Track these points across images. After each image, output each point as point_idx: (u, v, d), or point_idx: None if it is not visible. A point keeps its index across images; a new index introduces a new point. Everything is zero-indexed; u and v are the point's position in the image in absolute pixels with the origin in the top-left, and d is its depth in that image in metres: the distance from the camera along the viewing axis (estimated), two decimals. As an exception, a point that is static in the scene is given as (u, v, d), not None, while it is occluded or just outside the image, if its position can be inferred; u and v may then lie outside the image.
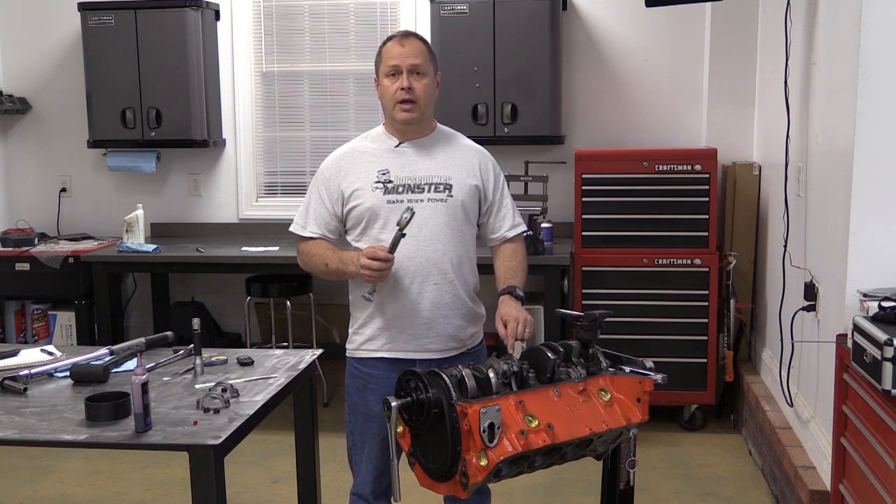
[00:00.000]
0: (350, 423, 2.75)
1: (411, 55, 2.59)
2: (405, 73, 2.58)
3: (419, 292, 2.60)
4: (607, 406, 2.17)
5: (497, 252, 2.78)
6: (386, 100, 2.63)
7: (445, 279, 2.62)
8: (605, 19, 5.13)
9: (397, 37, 2.65)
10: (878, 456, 2.47)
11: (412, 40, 2.63)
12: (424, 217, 2.59)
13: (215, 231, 5.50)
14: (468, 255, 2.70)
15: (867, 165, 2.85)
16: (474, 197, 2.69)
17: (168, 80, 5.09)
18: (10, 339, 5.20)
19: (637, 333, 4.51)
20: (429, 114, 2.68)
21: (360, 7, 5.32)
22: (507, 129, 4.84)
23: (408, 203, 2.57)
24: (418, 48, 2.62)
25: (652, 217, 4.53)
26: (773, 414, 3.90)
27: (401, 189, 2.61)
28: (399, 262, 2.56)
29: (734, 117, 4.90)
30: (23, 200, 5.69)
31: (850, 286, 2.87)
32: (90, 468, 4.23)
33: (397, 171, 2.63)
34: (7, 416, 2.48)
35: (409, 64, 2.59)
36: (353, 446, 2.75)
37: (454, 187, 2.64)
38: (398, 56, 2.59)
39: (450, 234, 2.63)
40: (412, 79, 2.59)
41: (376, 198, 2.60)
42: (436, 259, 2.61)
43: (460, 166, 2.68)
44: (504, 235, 2.76)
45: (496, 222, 2.76)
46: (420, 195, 2.61)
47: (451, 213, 2.63)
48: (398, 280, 2.59)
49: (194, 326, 2.80)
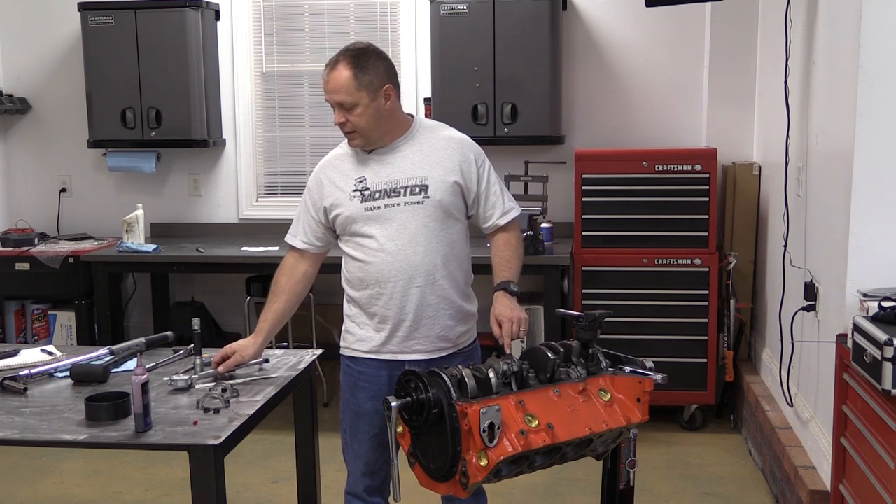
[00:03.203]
0: (343, 421, 2.76)
1: (333, 91, 2.56)
2: (335, 108, 2.58)
3: (403, 296, 2.60)
4: (607, 406, 2.17)
5: (492, 241, 2.77)
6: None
7: (429, 281, 2.61)
8: (605, 19, 5.13)
9: (328, 65, 2.58)
10: (878, 456, 2.46)
11: (335, 73, 2.55)
12: (403, 221, 2.59)
13: (215, 231, 5.50)
14: (454, 252, 2.67)
15: (867, 165, 2.85)
16: (455, 193, 2.65)
17: (168, 80, 5.09)
18: (10, 339, 5.20)
19: (637, 333, 4.51)
20: (386, 127, 2.62)
21: (360, 7, 5.32)
22: (507, 129, 4.84)
23: (385, 207, 2.59)
24: (339, 83, 2.54)
25: (652, 217, 4.53)
26: (773, 414, 3.90)
27: (377, 195, 2.61)
28: (381, 267, 2.59)
29: (734, 117, 4.90)
30: (23, 200, 5.69)
31: (850, 286, 2.87)
32: (90, 468, 4.23)
33: (373, 178, 2.62)
34: (7, 416, 2.48)
35: (334, 101, 2.57)
36: (345, 444, 2.76)
37: (430, 187, 2.61)
38: (326, 91, 2.59)
39: (430, 235, 2.61)
40: (343, 113, 2.57)
41: (354, 206, 2.62)
42: (417, 262, 2.59)
43: (437, 164, 2.64)
44: (496, 223, 2.73)
45: (486, 211, 2.73)
46: (396, 199, 2.60)
47: (430, 213, 2.61)
48: (382, 285, 2.60)
49: (194, 326, 2.80)
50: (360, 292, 2.66)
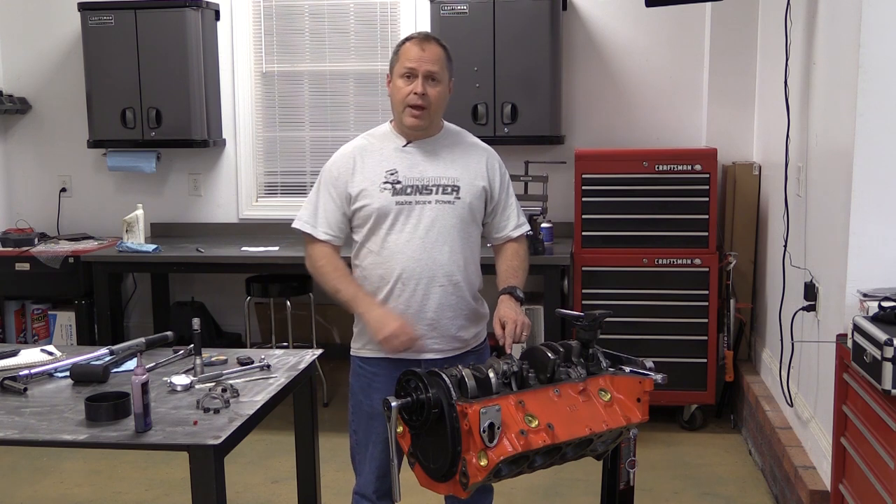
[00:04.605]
0: (353, 423, 2.74)
1: (429, 61, 2.56)
2: (420, 78, 2.56)
3: (425, 294, 2.60)
4: (607, 406, 2.17)
5: (499, 251, 2.78)
6: (396, 100, 2.61)
7: (451, 281, 2.62)
8: (605, 19, 5.13)
9: (417, 38, 2.60)
10: (878, 456, 2.46)
11: (432, 45, 2.59)
12: (432, 219, 2.59)
13: (215, 231, 5.50)
14: (473, 256, 2.70)
15: (867, 165, 2.85)
16: (481, 198, 2.68)
17: (168, 80, 5.09)
18: (10, 339, 5.20)
19: (637, 333, 4.51)
20: (440, 115, 2.67)
21: (360, 7, 5.32)
22: (507, 129, 4.84)
23: (416, 203, 2.57)
24: (437, 54, 2.58)
25: (652, 217, 4.53)
26: (773, 414, 3.90)
27: (409, 190, 2.60)
28: (405, 264, 2.57)
29: (734, 117, 4.90)
30: (23, 200, 5.69)
31: (850, 286, 2.87)
32: (90, 468, 4.23)
33: (405, 172, 2.61)
34: (7, 416, 2.48)
35: (425, 69, 2.56)
36: (356, 445, 2.74)
37: (462, 189, 2.63)
38: (416, 59, 2.56)
39: (457, 236, 2.63)
40: (427, 84, 2.56)
41: (385, 198, 2.59)
42: (442, 262, 2.60)
43: (468, 167, 2.67)
44: (508, 235, 2.77)
45: (500, 221, 2.76)
46: (428, 196, 2.60)
47: (458, 214, 2.62)
48: (404, 282, 2.59)
49: (194, 326, 2.80)
50: (378, 289, 2.62)
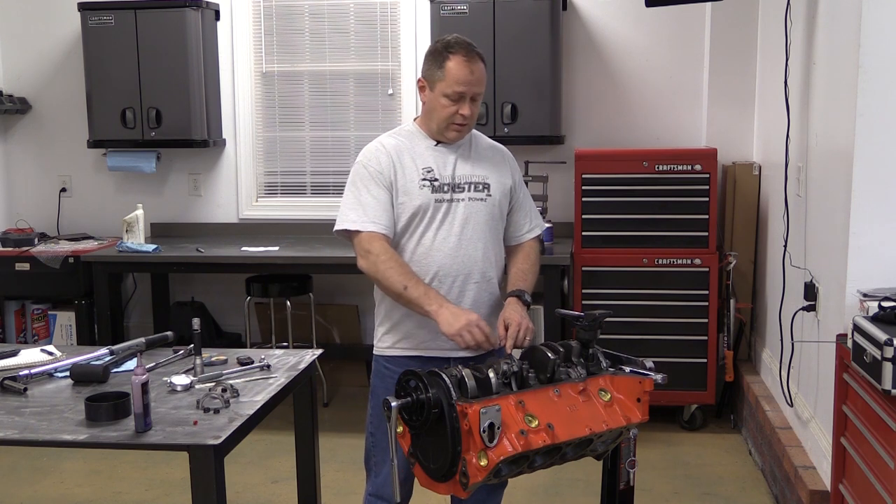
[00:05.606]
0: (372, 424, 2.71)
1: (478, 83, 2.55)
2: (468, 101, 2.55)
3: (461, 291, 2.60)
4: (607, 406, 2.17)
5: (512, 252, 2.78)
6: (440, 116, 2.57)
7: (485, 278, 2.63)
8: (605, 19, 5.13)
9: (465, 56, 2.52)
10: (878, 456, 2.46)
11: (479, 65, 2.56)
12: (467, 216, 2.60)
13: (215, 231, 5.50)
14: (501, 254, 2.73)
15: (867, 165, 2.85)
16: (507, 197, 2.72)
17: (168, 80, 5.09)
18: (10, 339, 5.20)
19: (637, 333, 4.51)
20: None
21: (360, 7, 5.32)
22: (507, 129, 4.84)
23: (451, 201, 2.59)
24: (483, 73, 2.57)
25: (652, 217, 4.53)
26: (773, 414, 3.90)
27: (445, 188, 2.61)
28: (442, 261, 2.58)
29: (734, 117, 4.90)
30: (23, 200, 5.69)
31: (850, 286, 2.87)
32: (90, 468, 4.23)
33: (440, 170, 2.62)
34: (7, 416, 2.48)
35: (474, 92, 2.55)
36: (373, 447, 2.71)
37: (492, 186, 2.66)
38: (466, 83, 2.52)
39: (489, 233, 2.65)
40: (471, 105, 2.57)
41: (424, 196, 2.58)
42: (477, 258, 2.62)
43: (494, 166, 2.70)
44: (525, 236, 2.79)
45: (519, 220, 2.78)
46: (461, 194, 2.62)
47: (489, 211, 2.65)
48: (440, 280, 2.59)
49: (194, 326, 2.80)
50: None
